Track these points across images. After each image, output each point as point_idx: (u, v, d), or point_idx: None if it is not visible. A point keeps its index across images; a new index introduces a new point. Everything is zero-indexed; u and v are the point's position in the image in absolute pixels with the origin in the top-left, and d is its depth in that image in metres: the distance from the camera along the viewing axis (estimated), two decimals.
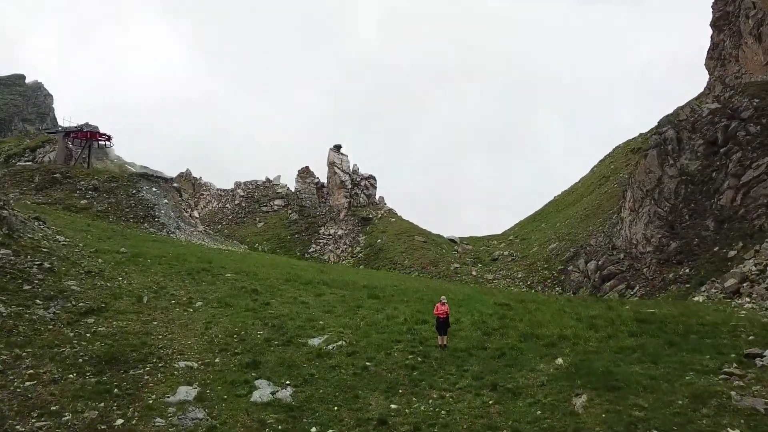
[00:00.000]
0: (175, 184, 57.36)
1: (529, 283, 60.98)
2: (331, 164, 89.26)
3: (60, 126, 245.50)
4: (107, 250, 31.36)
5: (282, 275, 33.04)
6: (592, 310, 25.57)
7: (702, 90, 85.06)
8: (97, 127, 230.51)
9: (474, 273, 64.68)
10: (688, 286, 49.51)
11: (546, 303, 28.22)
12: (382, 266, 70.22)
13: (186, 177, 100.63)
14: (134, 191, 52.00)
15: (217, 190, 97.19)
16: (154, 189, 53.75)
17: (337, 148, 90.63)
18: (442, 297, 21.87)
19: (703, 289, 47.17)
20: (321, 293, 29.12)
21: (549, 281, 60.01)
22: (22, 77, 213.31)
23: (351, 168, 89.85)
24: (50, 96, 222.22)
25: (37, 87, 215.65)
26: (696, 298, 44.81)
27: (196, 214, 56.07)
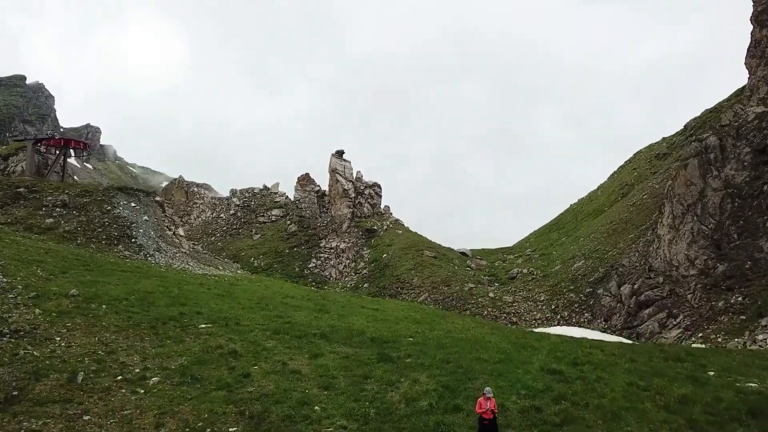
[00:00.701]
0: (157, 198, 51.13)
1: (553, 307, 54.65)
2: (333, 171, 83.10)
3: (62, 127, 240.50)
4: (54, 293, 25.17)
5: (270, 322, 26.79)
6: (676, 386, 19.27)
7: (734, 91, 78.77)
8: (98, 129, 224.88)
9: (491, 294, 58.37)
10: (743, 318, 43.09)
11: (605, 367, 21.94)
12: (388, 285, 64.03)
13: (178, 184, 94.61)
14: (109, 207, 45.83)
15: (211, 198, 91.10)
16: (132, 204, 47.59)
17: (340, 154, 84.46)
18: (487, 389, 15.60)
19: (764, 322, 40.85)
20: (318, 353, 22.85)
21: (576, 306, 53.69)
22: (23, 78, 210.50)
23: (354, 175, 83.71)
24: (51, 97, 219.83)
25: (38, 88, 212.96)
26: (760, 337, 38.50)
27: (181, 231, 49.86)
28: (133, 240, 43.53)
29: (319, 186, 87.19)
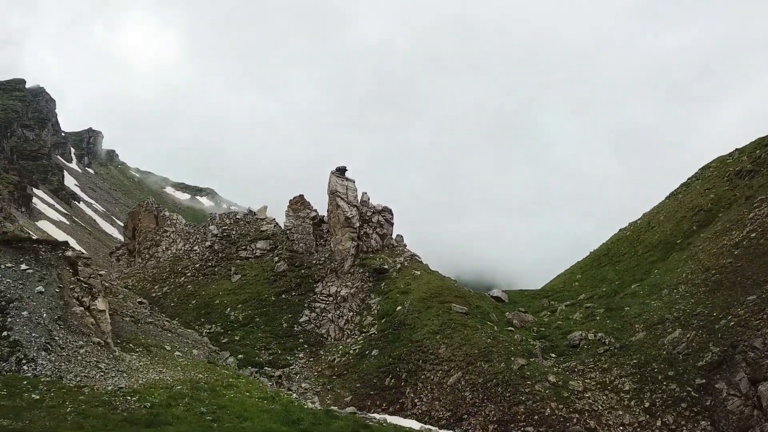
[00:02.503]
0: (69, 253, 34.64)
1: (647, 405, 37.84)
2: (332, 194, 66.59)
3: (63, 131, 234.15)
4: None
5: None
6: None
7: None
8: (100, 133, 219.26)
9: (552, 378, 41.58)
10: None
11: None
12: (405, 355, 47.45)
13: (147, 207, 78.33)
14: None
15: (185, 226, 74.75)
16: (23, 267, 31.22)
17: (341, 171, 67.96)
18: None
19: None
20: None
21: (684, 406, 36.84)
22: (22, 81, 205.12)
23: (359, 198, 67.26)
24: (53, 101, 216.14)
25: (38, 92, 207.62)
26: None
27: (101, 303, 33.32)
28: (3, 334, 27.13)
29: (315, 211, 70.70)
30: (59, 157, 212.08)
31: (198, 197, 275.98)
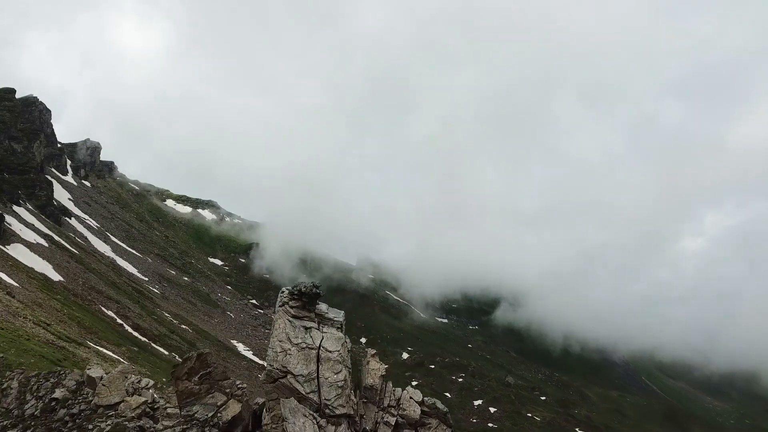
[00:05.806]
0: None
1: None
2: (274, 381, 18.03)
3: (59, 143, 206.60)
4: None
5: None
6: None
7: None
8: (98, 144, 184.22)
9: None
10: None
11: None
12: None
13: None
14: None
15: None
16: None
17: (306, 300, 19.03)
18: None
19: None
20: None
21: None
22: (12, 91, 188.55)
23: (348, 389, 18.52)
24: (48, 111, 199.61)
25: (31, 102, 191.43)
26: None
27: None
28: None
29: (242, 389, 22.44)
30: (54, 170, 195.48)
31: (200, 210, 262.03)
